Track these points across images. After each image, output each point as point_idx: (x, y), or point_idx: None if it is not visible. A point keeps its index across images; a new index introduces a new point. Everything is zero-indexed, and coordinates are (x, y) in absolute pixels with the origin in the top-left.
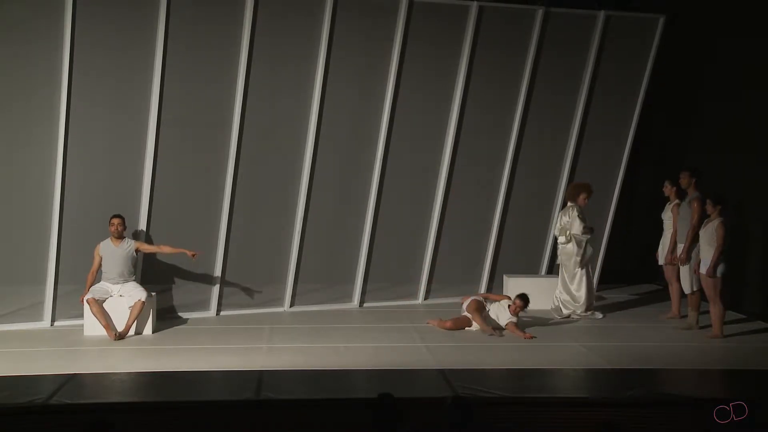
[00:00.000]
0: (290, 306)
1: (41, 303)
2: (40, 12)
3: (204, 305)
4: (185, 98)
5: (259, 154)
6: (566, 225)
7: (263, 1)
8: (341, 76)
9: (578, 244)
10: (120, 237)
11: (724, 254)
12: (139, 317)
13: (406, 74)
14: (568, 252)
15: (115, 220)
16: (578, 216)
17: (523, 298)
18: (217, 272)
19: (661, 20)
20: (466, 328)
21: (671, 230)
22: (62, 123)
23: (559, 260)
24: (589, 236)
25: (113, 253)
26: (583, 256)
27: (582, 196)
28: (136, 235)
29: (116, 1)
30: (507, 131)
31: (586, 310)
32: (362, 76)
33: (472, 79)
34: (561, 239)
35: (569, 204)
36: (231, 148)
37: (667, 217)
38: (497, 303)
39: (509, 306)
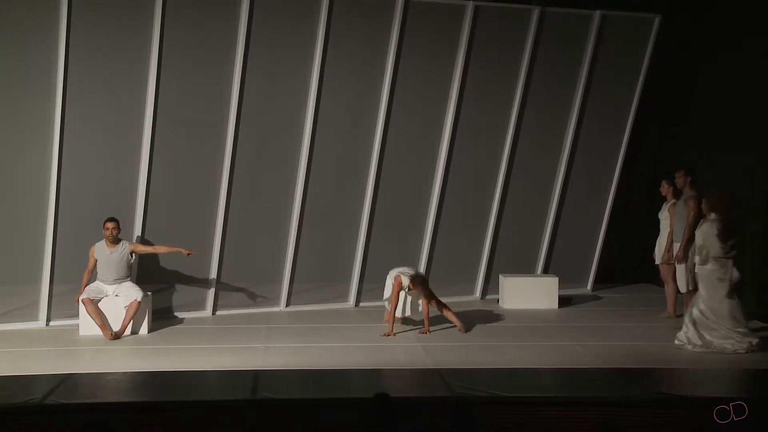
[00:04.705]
0: (286, 305)
1: (36, 303)
2: (35, 12)
3: (200, 305)
4: (181, 98)
5: (255, 154)
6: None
7: (259, 1)
8: (337, 76)
9: (722, 265)
10: (115, 241)
11: None
12: (135, 317)
13: (402, 74)
14: (707, 274)
15: (110, 225)
16: (716, 233)
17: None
18: (213, 272)
19: (657, 20)
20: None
21: (668, 230)
22: (57, 123)
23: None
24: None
25: (108, 257)
26: (729, 281)
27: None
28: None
29: (112, 2)
30: (503, 131)
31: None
32: (358, 75)
33: (468, 79)
34: (696, 259)
35: (712, 217)
36: (227, 148)
37: (664, 216)
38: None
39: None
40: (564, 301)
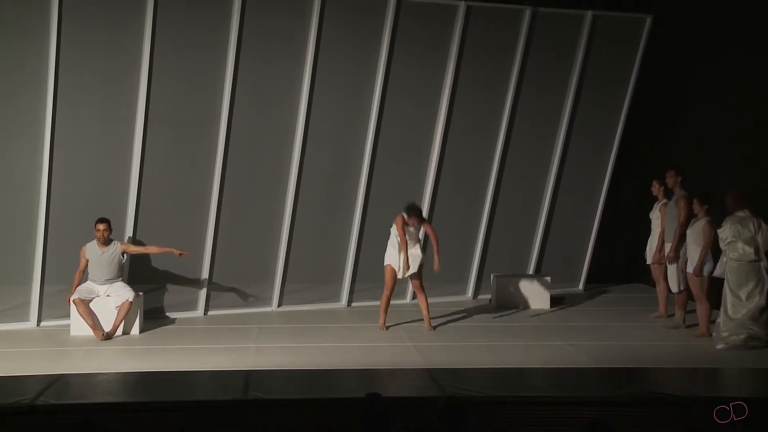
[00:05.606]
0: (278, 306)
1: (27, 303)
2: (26, 12)
3: (192, 305)
4: (173, 98)
5: (247, 154)
6: (753, 239)
7: (251, 1)
8: (329, 77)
9: None
10: (106, 242)
11: (711, 253)
12: (127, 317)
13: (394, 74)
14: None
15: (101, 226)
16: None
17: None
18: (205, 272)
19: (648, 20)
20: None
21: (659, 230)
22: (48, 123)
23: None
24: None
25: (99, 257)
26: None
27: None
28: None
29: (103, 2)
30: (495, 131)
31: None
32: (350, 76)
33: (459, 79)
34: (750, 256)
35: (742, 213)
36: (218, 149)
37: (655, 216)
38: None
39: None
40: (556, 301)
